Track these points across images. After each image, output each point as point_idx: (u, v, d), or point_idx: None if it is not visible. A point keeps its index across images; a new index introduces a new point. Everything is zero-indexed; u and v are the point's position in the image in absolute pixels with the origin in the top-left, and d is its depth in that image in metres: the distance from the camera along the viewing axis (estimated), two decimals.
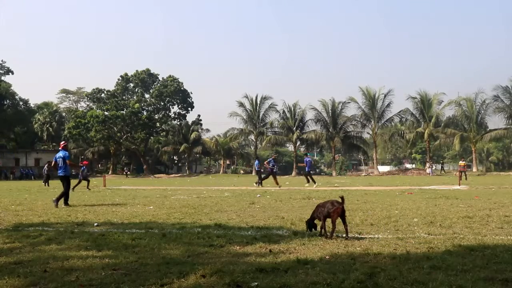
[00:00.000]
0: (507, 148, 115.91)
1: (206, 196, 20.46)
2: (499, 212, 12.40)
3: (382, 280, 5.36)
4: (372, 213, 12.45)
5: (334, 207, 8.23)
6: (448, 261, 6.31)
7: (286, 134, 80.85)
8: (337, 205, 8.26)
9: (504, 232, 9.01)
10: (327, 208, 8.33)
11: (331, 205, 8.33)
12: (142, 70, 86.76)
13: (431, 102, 74.94)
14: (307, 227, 8.63)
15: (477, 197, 17.94)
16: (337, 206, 8.24)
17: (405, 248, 7.34)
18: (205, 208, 14.68)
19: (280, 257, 6.80)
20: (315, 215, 8.52)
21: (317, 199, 17.76)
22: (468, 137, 71.98)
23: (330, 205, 8.35)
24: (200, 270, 5.88)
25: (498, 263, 6.15)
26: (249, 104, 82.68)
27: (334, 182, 41.22)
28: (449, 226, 9.79)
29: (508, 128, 71.17)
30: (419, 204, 15.01)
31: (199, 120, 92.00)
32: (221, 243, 7.93)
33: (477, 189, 25.45)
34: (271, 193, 22.22)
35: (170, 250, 7.44)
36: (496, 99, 70.22)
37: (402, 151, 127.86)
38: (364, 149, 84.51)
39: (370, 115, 76.52)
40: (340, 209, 8.22)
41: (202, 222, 10.94)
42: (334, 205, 8.26)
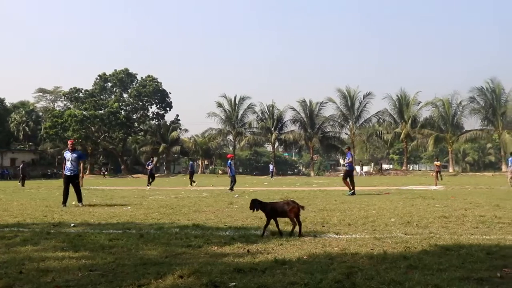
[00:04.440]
0: (482, 149, 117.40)
1: (184, 197, 20.40)
2: (475, 212, 12.54)
3: (359, 279, 5.39)
4: (350, 213, 12.51)
5: (290, 206, 8.52)
6: (425, 260, 6.36)
7: (265, 134, 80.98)
8: (292, 204, 8.56)
9: (479, 231, 9.11)
10: (284, 208, 8.55)
11: (287, 204, 8.59)
12: (120, 69, 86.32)
13: (409, 103, 75.60)
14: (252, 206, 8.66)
15: (453, 197, 18.12)
16: (292, 205, 8.53)
17: (382, 248, 7.39)
18: (183, 208, 14.62)
19: (258, 257, 6.79)
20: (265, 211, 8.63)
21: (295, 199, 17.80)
22: (444, 138, 72.73)
23: (286, 205, 8.59)
24: (178, 270, 5.85)
25: (473, 262, 6.22)
26: (228, 104, 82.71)
27: (312, 182, 41.34)
28: (425, 226, 9.87)
29: (484, 129, 72.18)
30: (396, 204, 15.13)
31: (178, 120, 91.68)
32: (199, 244, 7.91)
33: (453, 189, 25.71)
34: (249, 194, 22.22)
35: (147, 251, 7.39)
36: (472, 101, 71.17)
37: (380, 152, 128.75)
38: (342, 149, 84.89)
39: (348, 115, 76.97)
40: (296, 208, 8.52)
41: (180, 223, 10.90)
42: (290, 205, 8.55)
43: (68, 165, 16.25)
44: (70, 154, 16.42)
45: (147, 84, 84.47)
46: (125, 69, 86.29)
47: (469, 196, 19.04)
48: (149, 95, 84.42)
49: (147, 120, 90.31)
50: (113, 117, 77.55)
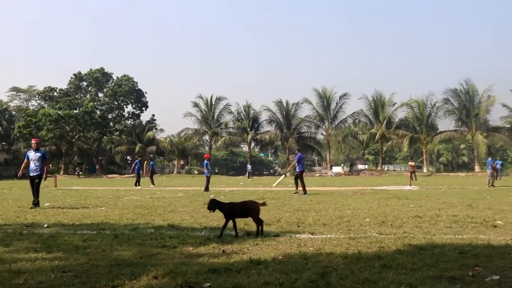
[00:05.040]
0: (456, 150, 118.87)
1: (159, 197, 20.30)
2: (448, 211, 12.69)
3: (334, 279, 5.41)
4: (325, 213, 12.57)
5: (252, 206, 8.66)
6: (399, 260, 6.41)
7: (241, 134, 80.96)
8: (254, 204, 8.69)
9: (452, 231, 9.23)
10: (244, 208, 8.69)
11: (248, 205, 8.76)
12: (96, 69, 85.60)
13: (384, 104, 76.22)
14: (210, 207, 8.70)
15: (427, 197, 18.31)
16: (254, 205, 8.65)
17: (357, 247, 7.43)
18: (158, 208, 14.55)
19: (233, 257, 6.79)
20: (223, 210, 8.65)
21: (270, 200, 17.83)
22: (419, 139, 73.45)
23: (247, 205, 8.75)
24: (152, 271, 5.81)
25: (446, 262, 6.29)
26: (204, 104, 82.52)
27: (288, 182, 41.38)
28: (399, 226, 9.96)
29: (457, 130, 73.07)
30: (371, 204, 15.25)
31: (154, 120, 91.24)
32: (174, 244, 7.88)
33: (427, 189, 25.99)
34: (225, 194, 22.21)
35: (122, 252, 7.34)
36: (446, 102, 71.99)
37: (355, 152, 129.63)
38: (318, 150, 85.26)
39: (324, 116, 77.27)
40: (258, 208, 8.62)
41: (155, 223, 10.85)
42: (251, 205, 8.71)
43: (32, 166, 15.68)
44: (33, 153, 15.83)
45: (122, 84, 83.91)
46: (100, 68, 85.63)
47: (442, 196, 19.26)
48: (124, 95, 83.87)
49: (123, 120, 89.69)
50: (88, 117, 76.83)
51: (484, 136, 69.47)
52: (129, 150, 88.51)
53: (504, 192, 21.45)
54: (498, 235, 8.77)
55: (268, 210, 13.75)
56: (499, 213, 12.33)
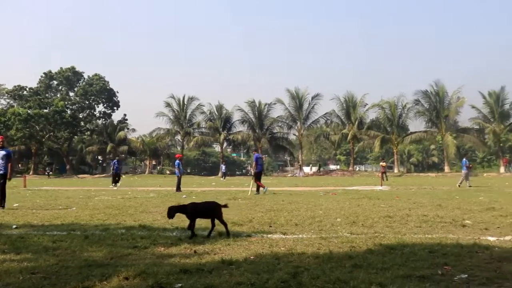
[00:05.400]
0: (426, 150, 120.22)
1: (131, 197, 20.17)
2: (418, 211, 12.84)
3: (305, 279, 5.43)
4: (297, 213, 12.61)
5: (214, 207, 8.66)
6: (369, 259, 6.46)
7: (213, 134, 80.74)
8: (217, 205, 8.69)
9: (422, 230, 9.34)
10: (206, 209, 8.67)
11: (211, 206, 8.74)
12: (67, 67, 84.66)
13: (356, 105, 76.77)
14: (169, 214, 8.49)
15: (397, 197, 18.51)
16: (217, 206, 8.66)
17: (328, 247, 7.47)
18: (129, 209, 14.45)
19: (205, 257, 6.78)
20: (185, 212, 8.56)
21: (242, 200, 17.85)
22: (390, 139, 74.14)
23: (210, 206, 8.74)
24: (123, 272, 5.76)
25: (415, 261, 6.37)
26: (176, 104, 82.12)
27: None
28: (370, 226, 10.05)
29: (428, 131, 73.95)
30: (343, 205, 15.34)
31: (125, 119, 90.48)
32: (145, 245, 7.82)
33: (398, 189, 26.26)
34: (196, 194, 22.14)
35: (92, 252, 7.26)
36: (417, 103, 72.80)
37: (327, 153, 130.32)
38: (290, 150, 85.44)
39: (296, 116, 77.49)
40: (220, 209, 8.65)
41: (126, 223, 10.77)
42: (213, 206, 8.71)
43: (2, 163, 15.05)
44: None
45: (94, 83, 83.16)
46: (71, 67, 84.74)
47: (413, 196, 19.47)
48: (96, 94, 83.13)
49: (94, 119, 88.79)
50: (59, 116, 75.86)
51: (453, 137, 70.43)
52: (100, 150, 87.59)
53: (472, 192, 21.77)
54: (467, 234, 8.90)
55: (240, 210, 13.79)
56: (468, 212, 12.51)
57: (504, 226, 9.99)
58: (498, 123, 70.48)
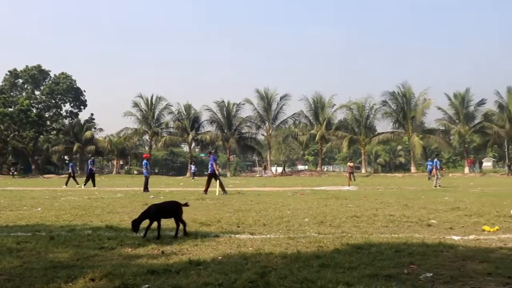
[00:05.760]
0: (393, 151, 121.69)
1: (97, 197, 19.94)
2: (385, 211, 12.97)
3: (273, 279, 5.43)
4: (265, 214, 12.63)
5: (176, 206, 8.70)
6: (337, 259, 6.50)
7: (181, 134, 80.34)
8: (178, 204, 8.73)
9: (389, 230, 9.44)
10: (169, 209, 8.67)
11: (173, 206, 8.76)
12: (32, 66, 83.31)
13: (324, 106, 77.21)
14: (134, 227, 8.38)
15: (365, 197, 18.66)
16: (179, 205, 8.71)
17: (296, 247, 7.50)
18: (96, 209, 14.29)
19: (172, 258, 6.74)
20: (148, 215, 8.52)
21: (211, 200, 17.80)
22: (358, 140, 74.75)
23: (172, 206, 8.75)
24: (89, 273, 5.69)
25: (382, 260, 6.43)
26: (144, 104, 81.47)
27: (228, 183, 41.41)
28: (338, 226, 10.11)
29: (395, 131, 74.78)
30: (311, 205, 15.41)
31: (92, 119, 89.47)
32: (112, 245, 7.75)
33: (365, 189, 26.48)
34: (164, 194, 22.02)
35: (58, 254, 7.16)
36: (384, 104, 73.55)
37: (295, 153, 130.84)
38: (259, 150, 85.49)
39: (265, 117, 77.59)
40: (181, 208, 8.70)
41: (93, 224, 10.65)
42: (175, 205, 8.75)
43: None
44: None
45: (60, 82, 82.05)
46: (37, 65, 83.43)
47: (380, 196, 19.66)
48: (62, 93, 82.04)
49: (60, 119, 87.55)
50: (24, 115, 74.57)
51: (420, 138, 71.33)
52: (67, 149, 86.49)
53: (438, 192, 22.05)
54: (432, 233, 9.03)
55: (208, 210, 13.76)
56: (433, 212, 12.67)
57: (468, 225, 10.16)
58: (463, 124, 71.60)
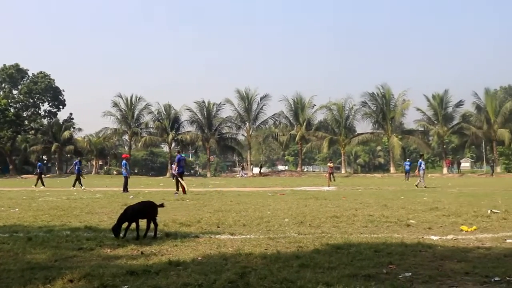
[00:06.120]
0: (373, 152, 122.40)
1: (76, 198, 19.80)
2: (364, 211, 13.04)
3: (253, 279, 5.43)
4: (245, 214, 12.64)
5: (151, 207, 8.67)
6: (316, 259, 6.52)
7: (161, 135, 79.93)
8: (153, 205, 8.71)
9: (368, 230, 9.50)
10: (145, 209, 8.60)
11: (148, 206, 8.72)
12: (10, 64, 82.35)
13: (304, 106, 77.40)
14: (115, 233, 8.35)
15: (344, 198, 18.74)
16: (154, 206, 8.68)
17: (276, 247, 7.51)
18: (75, 210, 14.19)
19: (151, 259, 6.71)
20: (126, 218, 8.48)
21: (191, 200, 17.76)
22: (337, 140, 75.04)
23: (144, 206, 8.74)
24: (68, 274, 5.64)
25: (361, 260, 6.47)
26: (124, 104, 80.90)
27: (208, 183, 41.38)
28: (318, 226, 10.15)
29: (374, 132, 75.20)
30: (291, 205, 15.44)
31: (71, 118, 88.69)
32: (91, 246, 7.70)
33: (345, 190, 26.60)
34: (144, 195, 21.92)
35: (36, 255, 7.10)
36: (364, 105, 73.90)
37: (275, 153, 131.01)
38: (239, 150, 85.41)
39: (245, 117, 77.55)
40: (157, 208, 8.67)
41: (72, 225, 10.57)
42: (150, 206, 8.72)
43: None
44: None
45: (39, 81, 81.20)
46: (15, 64, 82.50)
47: (359, 196, 19.76)
48: (41, 92, 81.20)
49: (39, 118, 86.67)
50: (1, 115, 73.59)
51: (399, 139, 71.79)
52: (45, 149, 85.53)
53: (417, 193, 22.23)
54: (411, 233, 9.10)
55: (188, 211, 13.74)
56: (412, 212, 12.77)
57: (447, 225, 10.25)
58: (442, 125, 72.16)
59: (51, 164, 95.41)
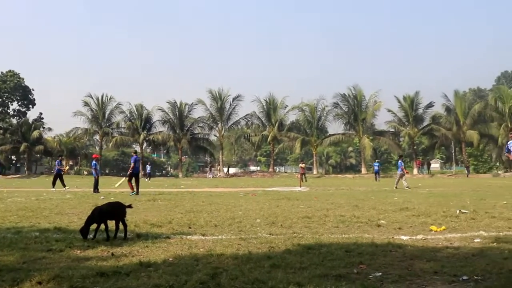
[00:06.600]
0: (344, 152, 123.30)
1: (46, 198, 19.54)
2: (336, 212, 13.10)
3: (224, 280, 5.42)
4: (217, 214, 12.60)
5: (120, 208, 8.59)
6: (288, 259, 6.53)
7: (133, 135, 79.40)
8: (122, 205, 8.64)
9: (339, 230, 9.53)
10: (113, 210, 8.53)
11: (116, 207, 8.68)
12: None
13: (277, 107, 77.63)
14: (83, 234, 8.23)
15: (316, 198, 18.82)
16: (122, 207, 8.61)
17: (248, 248, 7.50)
18: (44, 211, 13.99)
19: (122, 260, 6.65)
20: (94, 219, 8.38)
21: (162, 201, 17.66)
22: (309, 141, 75.40)
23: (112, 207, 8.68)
24: (36, 276, 5.54)
25: (332, 260, 6.49)
26: (95, 103, 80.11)
27: (180, 183, 41.23)
28: (289, 226, 10.16)
29: (346, 133, 75.80)
30: (262, 205, 15.45)
31: (41, 118, 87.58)
32: (61, 248, 7.59)
33: (316, 190, 26.73)
34: (115, 195, 21.75)
35: (3, 257, 6.96)
36: (336, 106, 74.45)
37: (247, 154, 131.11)
38: (211, 151, 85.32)
39: (218, 117, 77.47)
40: (125, 209, 8.59)
41: (41, 226, 10.40)
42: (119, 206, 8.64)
43: None
44: None
45: (7, 80, 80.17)
46: None
47: (331, 197, 19.86)
48: (9, 91, 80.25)
49: (7, 118, 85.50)
50: None
51: (370, 140, 72.59)
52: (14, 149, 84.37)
53: (387, 193, 22.43)
54: (382, 233, 9.16)
55: (160, 211, 13.66)
56: (383, 213, 12.87)
57: (416, 225, 10.35)
58: (412, 126, 72.99)
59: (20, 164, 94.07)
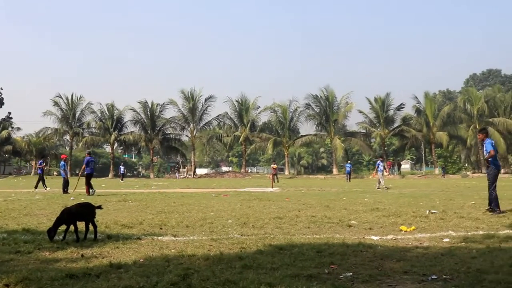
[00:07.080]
0: (316, 153, 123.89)
1: (14, 199, 19.27)
2: (307, 212, 13.16)
3: (195, 281, 5.40)
4: (188, 215, 12.57)
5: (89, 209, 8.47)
6: (259, 260, 6.54)
7: (103, 135, 78.61)
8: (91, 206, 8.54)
9: (311, 231, 9.58)
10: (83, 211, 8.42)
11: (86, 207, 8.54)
12: None
13: (249, 107, 77.64)
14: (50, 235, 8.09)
15: (287, 199, 18.87)
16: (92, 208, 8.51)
17: (219, 249, 7.49)
18: (12, 212, 13.79)
19: (92, 261, 6.58)
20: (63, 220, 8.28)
21: (133, 202, 17.54)
22: (281, 142, 75.58)
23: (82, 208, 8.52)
24: (4, 279, 5.46)
25: (303, 261, 6.52)
26: (65, 103, 79.10)
27: (151, 184, 41.01)
28: (261, 227, 10.18)
29: (317, 134, 76.13)
30: (234, 206, 15.45)
31: (10, 117, 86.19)
32: (29, 249, 7.48)
33: (288, 191, 26.81)
34: (85, 196, 21.54)
35: None
36: (308, 107, 74.71)
37: (219, 154, 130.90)
38: (183, 151, 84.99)
39: (190, 117, 77.17)
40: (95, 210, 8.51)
41: (9, 227, 10.26)
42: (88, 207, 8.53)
43: None
44: None
45: None
46: None
47: (302, 197, 19.94)
48: None
49: None
50: None
51: (341, 141, 73.06)
52: None
53: (358, 194, 22.60)
54: (352, 234, 9.23)
55: (131, 212, 13.57)
56: (354, 213, 12.97)
57: (387, 225, 10.45)
58: (383, 127, 73.61)
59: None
